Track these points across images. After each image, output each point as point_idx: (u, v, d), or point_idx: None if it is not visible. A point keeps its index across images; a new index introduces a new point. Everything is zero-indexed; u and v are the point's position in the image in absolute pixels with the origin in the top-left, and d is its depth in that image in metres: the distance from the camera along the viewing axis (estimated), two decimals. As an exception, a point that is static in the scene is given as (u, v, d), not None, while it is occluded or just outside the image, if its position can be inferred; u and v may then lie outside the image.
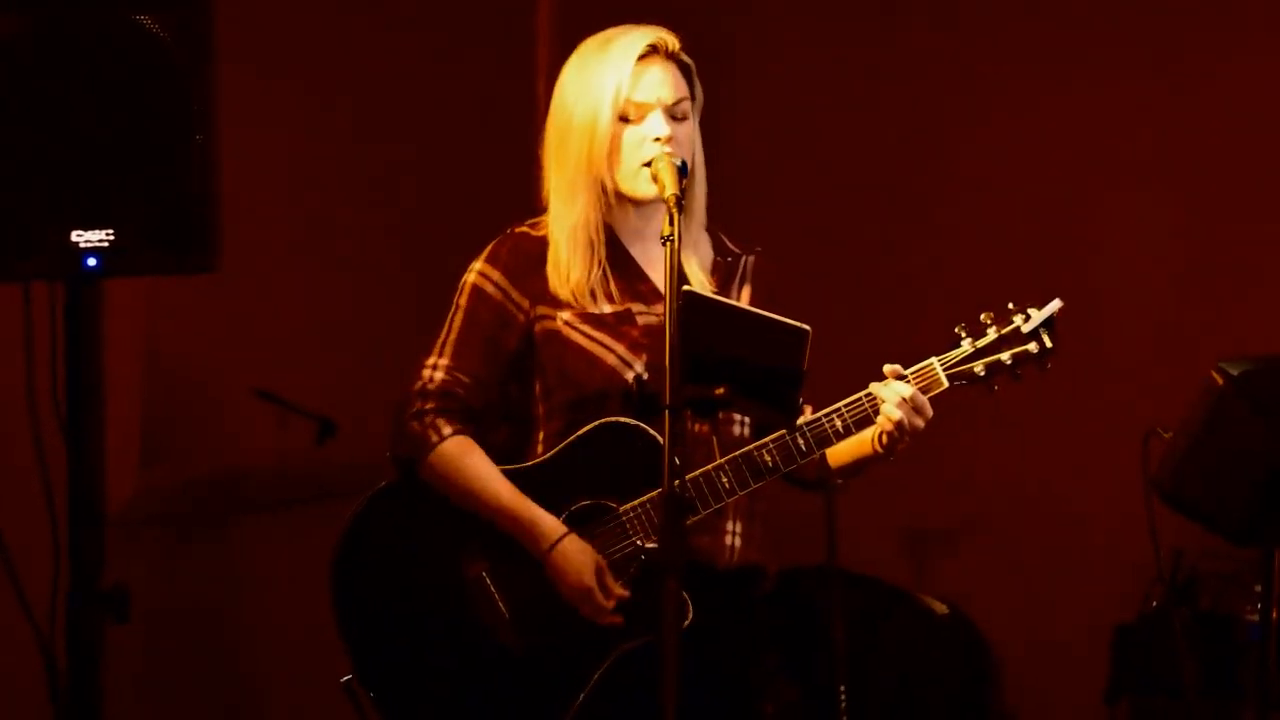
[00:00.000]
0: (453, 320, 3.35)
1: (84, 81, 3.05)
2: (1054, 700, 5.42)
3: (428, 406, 3.30)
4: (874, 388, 3.21)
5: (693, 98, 3.33)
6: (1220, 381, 3.62)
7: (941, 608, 5.33)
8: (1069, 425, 5.20)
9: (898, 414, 3.18)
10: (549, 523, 3.24)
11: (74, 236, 3.07)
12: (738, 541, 3.32)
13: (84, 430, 3.22)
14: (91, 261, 3.08)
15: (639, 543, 3.21)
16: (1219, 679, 4.72)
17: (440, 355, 3.33)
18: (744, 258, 3.44)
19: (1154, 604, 4.99)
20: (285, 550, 4.42)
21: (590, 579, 3.21)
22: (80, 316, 3.21)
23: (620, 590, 3.21)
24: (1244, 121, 5.24)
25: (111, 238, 3.08)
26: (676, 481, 2.85)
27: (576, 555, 3.22)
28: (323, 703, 3.47)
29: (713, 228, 3.42)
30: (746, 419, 3.35)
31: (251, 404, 4.61)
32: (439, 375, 3.31)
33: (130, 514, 4.26)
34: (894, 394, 3.18)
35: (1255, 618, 4.49)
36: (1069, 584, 5.40)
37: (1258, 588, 4.05)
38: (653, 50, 3.28)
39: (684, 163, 3.19)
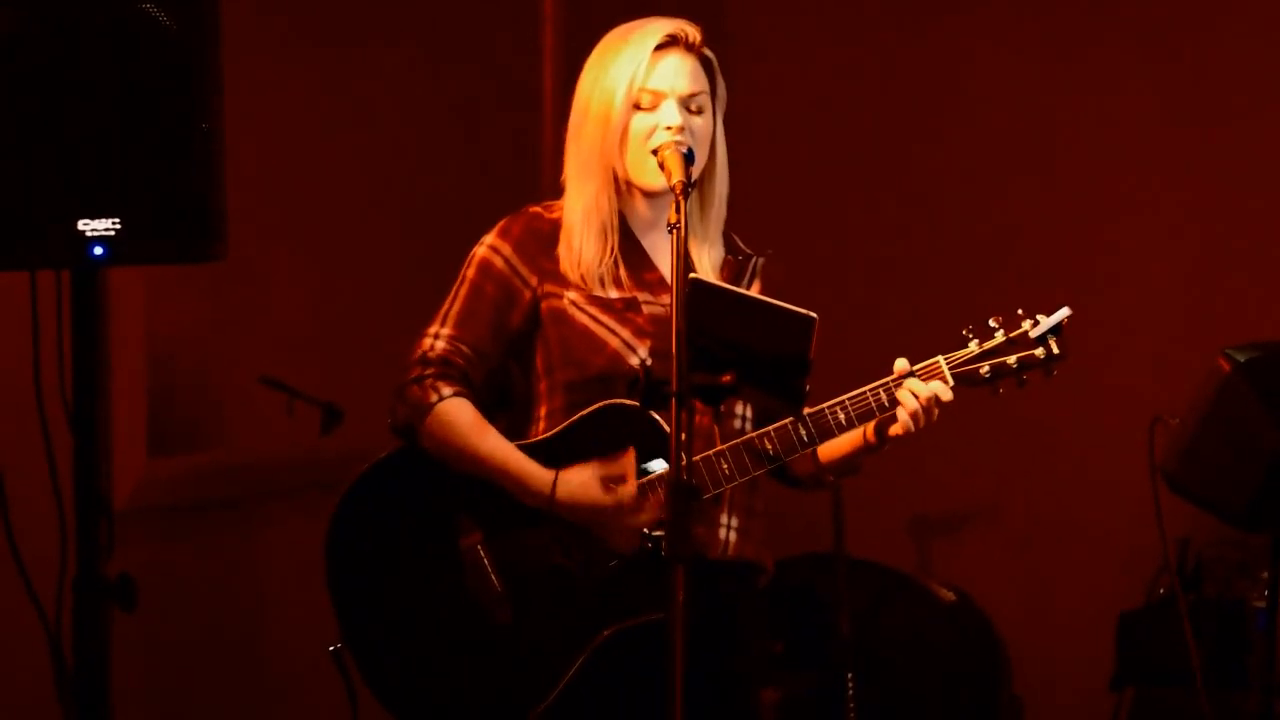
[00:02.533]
0: (458, 291, 3.35)
1: (90, 70, 3.05)
2: (1061, 687, 5.42)
3: (428, 372, 3.30)
4: (897, 394, 3.20)
5: (714, 93, 3.32)
6: (1227, 368, 3.62)
7: (949, 595, 5.33)
8: (1076, 412, 5.20)
9: (919, 411, 3.20)
10: (544, 471, 3.24)
11: (80, 225, 3.07)
12: (733, 535, 3.32)
13: (90, 419, 3.23)
14: (98, 250, 3.08)
15: (644, 528, 3.21)
16: (1225, 667, 4.72)
17: (443, 325, 3.33)
18: (755, 258, 3.44)
19: (1160, 591, 4.99)
20: (292, 538, 4.41)
21: (600, 494, 3.20)
22: (87, 305, 3.21)
23: (631, 488, 3.19)
24: (1251, 108, 5.24)
25: (118, 226, 3.08)
26: (684, 463, 2.85)
27: (577, 481, 3.22)
28: (332, 690, 3.46)
29: (726, 229, 3.42)
30: (747, 414, 3.35)
31: (258, 392, 4.60)
32: (440, 344, 3.32)
33: (137, 502, 4.26)
34: (923, 394, 3.20)
35: (1262, 605, 4.49)
36: (1076, 571, 5.40)
37: (1265, 575, 4.05)
38: (672, 40, 3.28)
39: (690, 150, 3.19)
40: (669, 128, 3.24)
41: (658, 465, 3.23)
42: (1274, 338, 3.78)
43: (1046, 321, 3.25)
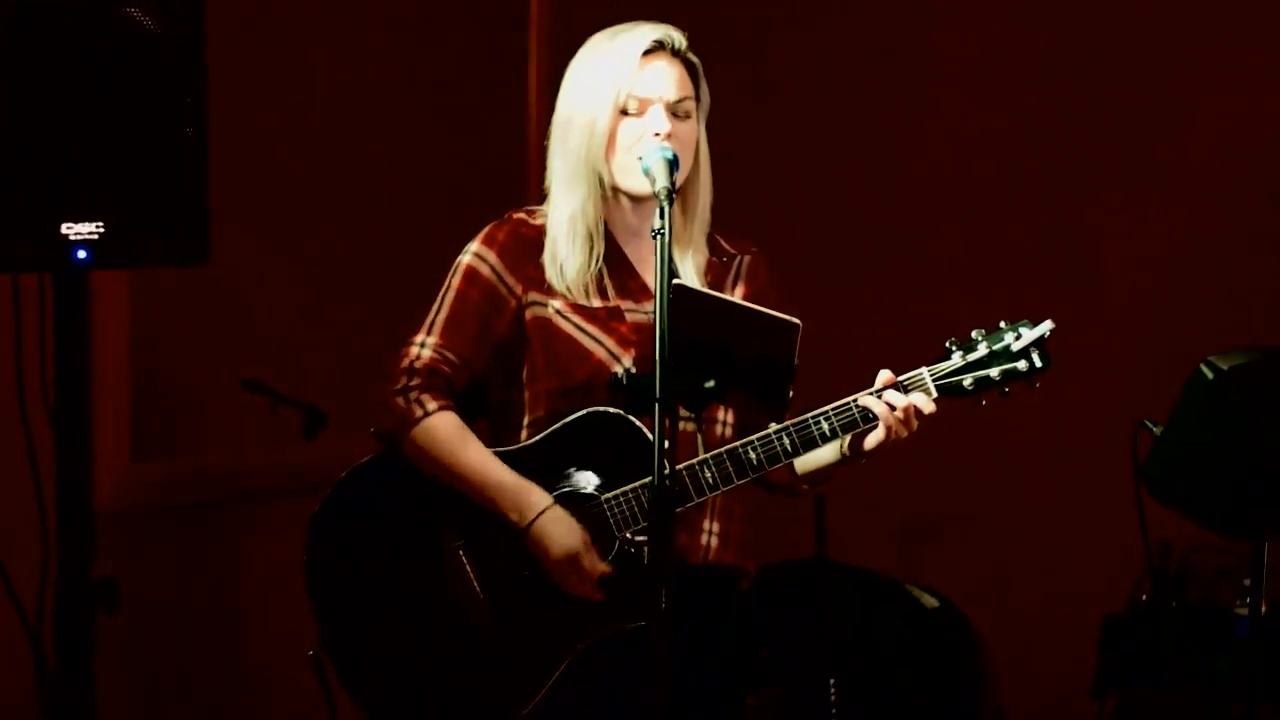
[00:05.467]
0: (444, 299, 3.34)
1: (75, 74, 3.05)
2: (1043, 693, 5.42)
3: (413, 383, 3.29)
4: (871, 401, 3.20)
5: (698, 98, 3.32)
6: (1209, 375, 3.62)
7: (931, 600, 5.33)
8: (1058, 418, 5.20)
9: (901, 422, 3.20)
10: (538, 493, 3.23)
11: (64, 229, 3.07)
12: (714, 541, 3.32)
13: (73, 422, 3.23)
14: (82, 254, 3.08)
15: (627, 534, 3.21)
16: (1207, 672, 4.72)
17: (428, 333, 3.32)
18: (739, 258, 3.44)
19: (1143, 597, 4.99)
20: (274, 541, 4.40)
21: (578, 545, 3.19)
22: (70, 308, 3.21)
23: (603, 567, 3.20)
24: (1236, 113, 5.25)
25: (101, 230, 3.09)
26: (666, 472, 2.85)
27: (564, 524, 3.21)
28: (311, 694, 3.46)
29: (710, 231, 3.42)
30: (729, 420, 3.35)
31: (241, 396, 4.60)
32: (426, 353, 3.31)
33: (119, 505, 4.26)
34: (906, 406, 3.20)
35: (1244, 611, 4.50)
36: (1058, 577, 5.40)
37: (1247, 581, 4.05)
38: (659, 46, 3.28)
39: (675, 156, 3.18)
40: (657, 134, 3.24)
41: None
42: (1256, 345, 3.78)
43: (1030, 334, 3.25)
